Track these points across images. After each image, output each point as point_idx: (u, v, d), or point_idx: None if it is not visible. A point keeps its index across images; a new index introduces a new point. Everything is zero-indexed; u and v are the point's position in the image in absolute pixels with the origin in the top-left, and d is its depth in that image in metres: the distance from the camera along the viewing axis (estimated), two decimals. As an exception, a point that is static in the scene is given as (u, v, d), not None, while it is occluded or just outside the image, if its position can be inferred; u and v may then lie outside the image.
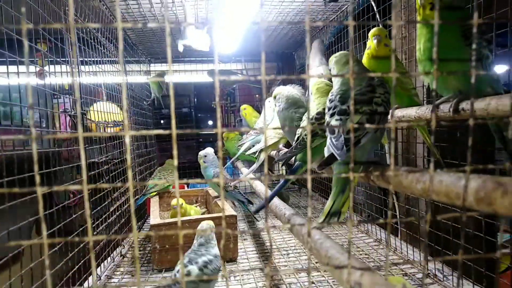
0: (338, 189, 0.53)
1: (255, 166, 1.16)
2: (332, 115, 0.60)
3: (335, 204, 0.53)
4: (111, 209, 1.15)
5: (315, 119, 0.74)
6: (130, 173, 0.31)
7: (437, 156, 0.83)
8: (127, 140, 0.30)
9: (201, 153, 1.46)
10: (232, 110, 3.26)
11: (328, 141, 0.58)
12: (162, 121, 3.80)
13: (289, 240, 1.32)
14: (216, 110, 0.31)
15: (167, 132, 0.31)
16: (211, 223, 0.95)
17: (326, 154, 0.58)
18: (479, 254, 0.77)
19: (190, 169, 3.02)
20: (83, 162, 0.29)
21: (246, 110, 1.78)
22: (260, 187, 1.00)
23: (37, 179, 0.29)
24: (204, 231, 0.93)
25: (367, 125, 0.33)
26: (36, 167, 0.29)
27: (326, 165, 0.56)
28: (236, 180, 1.38)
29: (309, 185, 0.32)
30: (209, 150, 1.48)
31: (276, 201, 0.75)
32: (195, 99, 4.35)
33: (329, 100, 0.63)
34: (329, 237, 0.45)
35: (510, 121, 0.35)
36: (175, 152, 0.32)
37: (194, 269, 0.83)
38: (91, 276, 0.99)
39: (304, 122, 0.79)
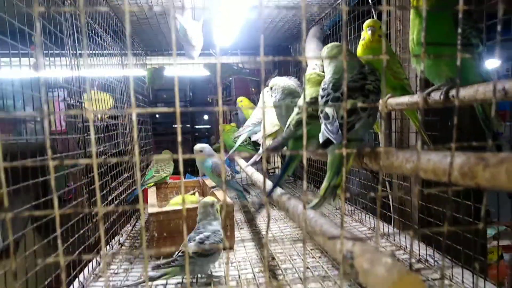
0: (333, 172, 0.56)
1: (257, 155, 1.18)
2: (325, 103, 0.62)
3: (330, 186, 0.55)
4: (109, 198, 1.17)
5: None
6: (136, 147, 0.33)
7: (425, 138, 0.86)
8: (134, 117, 0.32)
9: (197, 147, 1.46)
10: (228, 104, 3.28)
11: (323, 127, 0.60)
12: (157, 115, 3.81)
13: (284, 229, 1.35)
14: (213, 103, 0.33)
15: (171, 109, 0.32)
16: (212, 198, 0.97)
17: (321, 140, 0.60)
18: (465, 226, 0.80)
19: (186, 162, 3.05)
20: (92, 136, 0.31)
21: (242, 102, 1.80)
22: (258, 176, 1.02)
23: (49, 152, 0.31)
24: (205, 205, 0.96)
25: (359, 104, 0.35)
26: (48, 142, 0.31)
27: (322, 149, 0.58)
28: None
29: (304, 160, 0.34)
30: (204, 145, 1.49)
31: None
32: (191, 94, 4.35)
33: (322, 89, 0.65)
34: (324, 215, 0.47)
35: (493, 101, 0.38)
36: (178, 128, 0.34)
37: (191, 246, 0.87)
38: (86, 266, 1.01)
39: (294, 113, 0.81)
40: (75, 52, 1.06)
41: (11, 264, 0.32)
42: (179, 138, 0.33)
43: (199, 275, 0.94)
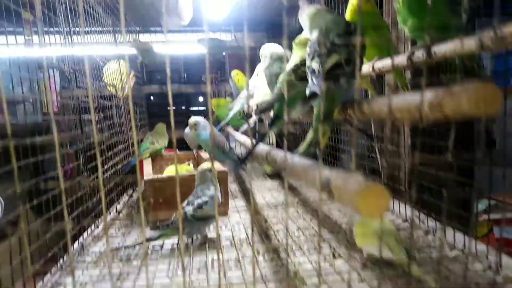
0: (318, 122, 0.58)
1: (251, 121, 1.19)
2: (312, 59, 0.64)
3: (315, 137, 0.58)
4: (106, 167, 1.20)
5: (292, 71, 0.77)
6: (131, 105, 0.35)
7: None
8: (125, 70, 0.34)
9: (191, 120, 1.47)
10: (223, 83, 3.29)
11: (310, 82, 0.63)
12: (152, 97, 3.81)
13: (278, 197, 1.39)
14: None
15: (161, 44, 0.35)
16: (208, 164, 1.00)
17: (307, 94, 0.62)
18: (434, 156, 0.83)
19: (182, 143, 3.09)
20: (88, 85, 0.33)
21: (238, 76, 1.80)
22: (248, 140, 1.05)
23: (50, 108, 0.33)
24: (203, 170, 0.99)
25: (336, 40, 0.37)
26: (49, 100, 0.33)
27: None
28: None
29: (285, 94, 0.36)
30: (198, 117, 1.50)
31: (261, 146, 0.79)
32: (185, 74, 4.32)
33: (308, 47, 0.67)
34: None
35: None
36: (168, 77, 0.36)
37: (189, 210, 0.91)
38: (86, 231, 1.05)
39: (283, 75, 0.83)
40: (68, 25, 1.06)
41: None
42: (170, 97, 0.35)
43: (195, 237, 0.98)
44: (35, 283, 0.73)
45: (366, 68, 0.89)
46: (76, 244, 0.95)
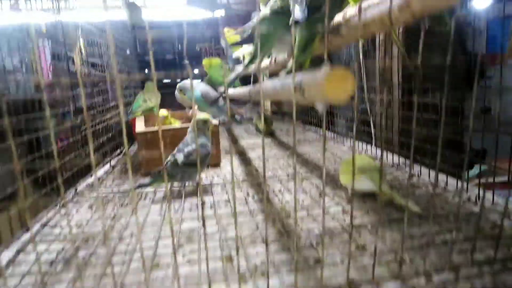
0: (299, 50, 0.59)
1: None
2: (294, -11, 0.64)
3: (297, 62, 0.59)
4: (97, 120, 1.21)
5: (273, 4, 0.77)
6: (114, 62, 0.36)
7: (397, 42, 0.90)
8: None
9: (178, 86, 1.55)
10: (218, 53, 3.26)
11: (293, 11, 0.63)
12: (146, 70, 3.75)
13: (270, 151, 1.41)
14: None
15: None
16: (206, 116, 1.01)
17: (290, 22, 0.63)
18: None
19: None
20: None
21: (229, 33, 1.78)
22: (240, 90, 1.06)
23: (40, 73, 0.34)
24: (197, 121, 1.01)
25: None
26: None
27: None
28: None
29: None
30: (184, 81, 1.56)
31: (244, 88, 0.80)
32: (179, 45, 4.25)
33: None
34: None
35: None
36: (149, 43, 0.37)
37: (180, 156, 0.93)
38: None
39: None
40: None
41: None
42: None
43: (187, 183, 1.01)
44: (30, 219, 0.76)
45: (353, 11, 0.89)
46: (72, 192, 0.98)
